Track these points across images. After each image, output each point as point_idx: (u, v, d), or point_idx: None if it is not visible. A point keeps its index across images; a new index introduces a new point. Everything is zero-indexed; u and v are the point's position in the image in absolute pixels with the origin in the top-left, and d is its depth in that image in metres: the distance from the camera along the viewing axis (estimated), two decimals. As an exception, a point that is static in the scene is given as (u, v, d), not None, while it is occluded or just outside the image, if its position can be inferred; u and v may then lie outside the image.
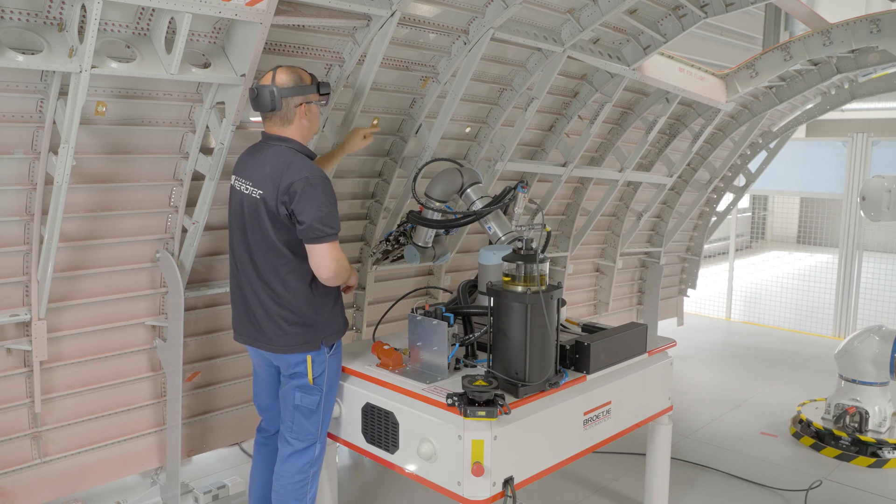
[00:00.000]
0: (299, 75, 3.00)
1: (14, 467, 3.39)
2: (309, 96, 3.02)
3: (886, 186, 5.40)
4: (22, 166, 3.08)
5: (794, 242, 12.99)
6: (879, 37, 4.72)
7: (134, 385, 3.78)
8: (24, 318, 3.26)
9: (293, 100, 2.98)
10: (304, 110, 3.02)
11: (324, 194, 2.89)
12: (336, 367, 3.21)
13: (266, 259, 3.03)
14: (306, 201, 2.87)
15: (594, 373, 3.22)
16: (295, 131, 3.04)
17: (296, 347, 3.07)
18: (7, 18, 2.68)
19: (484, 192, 3.80)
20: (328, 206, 2.89)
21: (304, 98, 3.00)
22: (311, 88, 3.02)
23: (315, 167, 2.96)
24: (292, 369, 3.11)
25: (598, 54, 4.55)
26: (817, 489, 4.48)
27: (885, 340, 5.13)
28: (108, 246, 3.50)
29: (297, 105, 3.00)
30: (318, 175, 2.92)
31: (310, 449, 3.16)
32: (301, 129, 3.05)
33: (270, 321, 3.07)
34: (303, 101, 3.01)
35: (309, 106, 3.04)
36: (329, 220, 2.89)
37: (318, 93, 3.04)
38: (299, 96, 2.99)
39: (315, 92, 3.03)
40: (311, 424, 3.14)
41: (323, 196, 2.89)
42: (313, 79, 3.05)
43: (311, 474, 3.19)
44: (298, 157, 2.98)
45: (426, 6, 3.65)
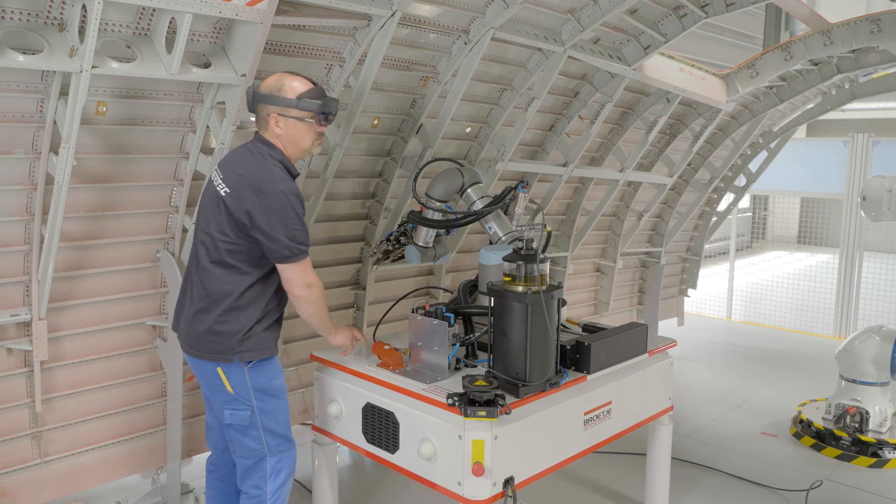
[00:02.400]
0: (281, 85, 2.82)
1: (14, 467, 3.39)
2: (284, 109, 2.82)
3: (887, 186, 5.39)
4: (22, 166, 3.08)
5: (794, 242, 12.99)
6: (880, 37, 4.72)
7: (134, 385, 3.78)
8: (24, 318, 3.26)
9: (265, 108, 2.84)
10: (275, 120, 2.83)
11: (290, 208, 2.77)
12: (265, 383, 2.94)
13: (206, 254, 2.90)
14: (276, 219, 2.74)
15: (594, 373, 3.21)
16: (273, 139, 2.88)
17: (206, 355, 2.89)
18: (7, 18, 2.68)
19: (484, 191, 3.80)
20: (298, 224, 2.78)
21: (277, 109, 2.82)
22: (286, 101, 2.81)
23: (291, 183, 2.82)
24: (208, 380, 2.95)
25: (598, 54, 4.55)
26: (818, 489, 4.48)
27: (885, 340, 5.13)
28: (109, 246, 3.50)
29: (269, 114, 2.84)
30: (292, 191, 2.78)
31: (260, 464, 2.96)
32: (277, 138, 2.88)
33: (193, 320, 2.92)
34: (276, 112, 2.83)
35: (285, 119, 2.84)
36: (302, 238, 2.80)
37: (298, 108, 2.81)
38: (272, 105, 2.82)
39: (293, 107, 2.81)
40: (251, 440, 2.95)
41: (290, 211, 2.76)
42: (308, 93, 2.84)
43: (272, 491, 2.98)
44: (277, 170, 2.82)
45: (426, 6, 3.65)
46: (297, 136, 2.88)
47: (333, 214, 4.42)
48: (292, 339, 4.48)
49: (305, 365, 4.43)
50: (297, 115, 2.83)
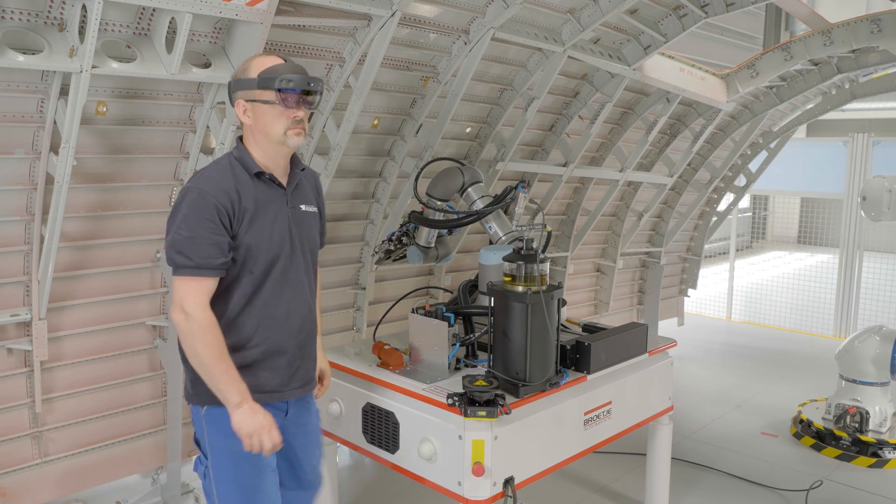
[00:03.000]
0: (245, 66, 2.40)
1: (14, 467, 3.39)
2: (248, 92, 2.36)
3: (887, 186, 5.39)
4: (22, 166, 3.08)
5: (794, 242, 12.99)
6: (880, 37, 4.72)
7: (134, 385, 3.78)
8: (24, 317, 3.26)
9: (234, 95, 2.42)
10: (241, 107, 2.39)
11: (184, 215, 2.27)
12: (220, 440, 2.40)
13: None
14: (171, 215, 2.32)
15: (594, 373, 3.21)
16: (246, 134, 2.45)
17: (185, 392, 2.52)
18: (7, 18, 2.68)
19: (485, 191, 3.80)
20: (185, 231, 2.25)
21: (243, 94, 2.38)
22: (248, 81, 2.35)
23: (208, 179, 2.32)
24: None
25: (598, 54, 4.55)
26: (818, 489, 4.48)
27: (885, 340, 5.13)
28: (109, 246, 3.50)
29: (236, 101, 2.42)
30: (199, 189, 2.29)
31: None
32: (249, 132, 2.43)
33: None
34: (242, 98, 2.39)
35: (251, 104, 2.37)
36: (182, 246, 2.25)
37: (259, 87, 2.33)
38: (238, 91, 2.39)
39: (254, 87, 2.33)
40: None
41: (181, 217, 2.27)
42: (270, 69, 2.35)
43: None
44: (214, 165, 2.42)
45: (427, 6, 3.65)
46: (266, 124, 2.36)
47: (333, 214, 4.42)
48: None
49: (305, 365, 4.43)
50: (260, 96, 2.33)
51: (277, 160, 2.45)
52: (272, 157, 2.44)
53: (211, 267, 2.27)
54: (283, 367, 2.47)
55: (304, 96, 2.36)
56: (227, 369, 2.27)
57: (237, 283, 2.37)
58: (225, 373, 2.27)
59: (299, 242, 2.50)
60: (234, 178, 2.35)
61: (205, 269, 2.26)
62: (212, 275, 2.28)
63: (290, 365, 2.49)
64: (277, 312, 2.43)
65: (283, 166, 2.48)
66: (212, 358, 2.25)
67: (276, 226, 2.42)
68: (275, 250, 2.41)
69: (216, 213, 2.26)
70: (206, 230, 2.25)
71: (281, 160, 2.46)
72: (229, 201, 2.30)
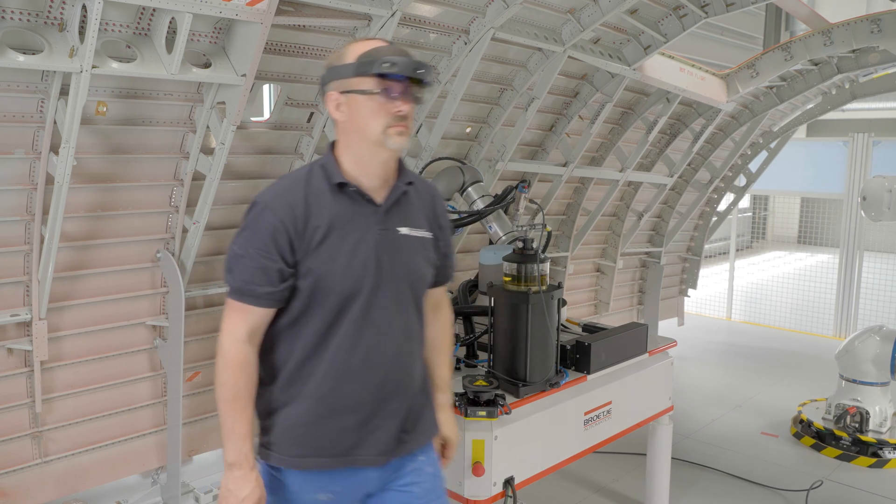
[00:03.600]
0: (342, 52, 1.98)
1: (14, 467, 3.38)
2: (342, 82, 1.94)
3: (887, 186, 5.39)
4: (22, 166, 3.07)
5: (794, 242, 12.98)
6: (880, 37, 4.72)
7: (134, 385, 3.78)
8: (24, 317, 3.26)
9: (326, 87, 2.01)
10: (335, 102, 1.97)
11: (243, 229, 1.97)
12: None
13: None
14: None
15: (595, 373, 3.21)
16: (339, 136, 2.03)
17: None
18: (7, 18, 2.68)
19: (485, 190, 3.80)
20: (237, 248, 1.96)
21: (337, 85, 1.96)
22: (343, 69, 1.93)
23: (276, 191, 1.97)
24: None
25: (598, 54, 4.54)
26: (818, 489, 4.48)
27: (885, 340, 5.13)
28: (109, 246, 3.50)
29: (328, 94, 2.00)
30: (262, 202, 1.95)
31: None
32: (342, 133, 2.01)
33: None
34: (335, 90, 1.97)
35: (345, 97, 1.94)
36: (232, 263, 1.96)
37: (356, 74, 1.91)
38: (331, 83, 1.98)
39: (350, 74, 1.92)
40: None
41: (241, 231, 1.97)
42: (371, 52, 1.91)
43: None
44: (292, 174, 2.06)
45: (427, 6, 3.64)
46: (363, 120, 1.92)
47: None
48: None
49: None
50: (356, 85, 1.91)
51: (373, 168, 1.97)
52: (366, 165, 1.96)
53: (254, 295, 1.90)
54: (353, 426, 1.99)
55: (411, 86, 1.92)
56: (236, 420, 1.93)
57: (306, 320, 1.96)
58: (234, 423, 1.92)
59: (391, 274, 1.99)
60: (306, 189, 1.93)
61: (247, 295, 1.91)
62: (255, 304, 1.91)
63: (363, 425, 1.99)
64: (353, 359, 1.97)
65: (380, 176, 1.99)
66: (225, 401, 1.94)
67: (357, 252, 1.94)
68: (352, 282, 1.93)
69: (271, 234, 1.88)
70: (257, 251, 1.89)
71: (378, 168, 1.97)
72: (292, 219, 1.89)
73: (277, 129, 3.80)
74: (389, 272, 1.99)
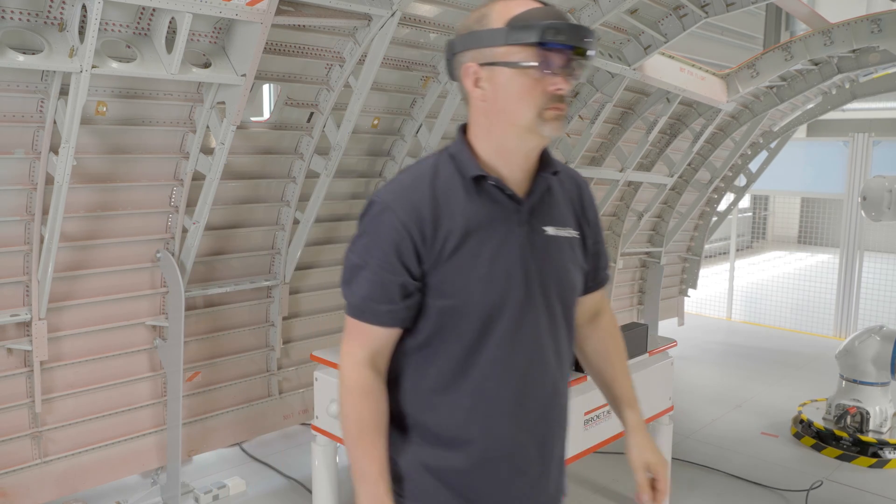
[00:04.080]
0: (483, 13, 1.54)
1: (14, 467, 3.39)
2: (486, 50, 1.51)
3: (887, 186, 5.39)
4: (22, 166, 3.07)
5: (794, 242, 12.99)
6: (880, 36, 4.72)
7: (134, 385, 3.78)
8: (24, 318, 3.26)
9: (461, 58, 1.57)
10: (472, 75, 1.54)
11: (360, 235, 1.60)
12: None
13: None
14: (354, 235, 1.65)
15: (595, 373, 3.21)
16: (475, 117, 1.60)
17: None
18: (7, 18, 2.68)
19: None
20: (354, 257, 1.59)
21: (477, 54, 1.52)
22: (489, 35, 1.50)
23: (398, 188, 1.58)
24: None
25: (598, 54, 4.54)
26: (818, 489, 4.47)
27: (885, 340, 5.12)
28: (109, 246, 3.50)
29: (463, 66, 1.56)
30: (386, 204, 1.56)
31: None
32: (479, 115, 1.58)
33: None
34: (474, 61, 1.53)
35: (489, 70, 1.51)
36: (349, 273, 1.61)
37: (507, 42, 1.48)
38: (468, 51, 1.54)
39: (500, 42, 1.49)
40: None
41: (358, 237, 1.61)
42: (526, 15, 1.49)
43: None
44: (414, 167, 1.64)
45: (427, 6, 3.64)
46: (513, 100, 1.51)
47: (333, 214, 4.41)
48: (292, 339, 4.48)
49: (305, 365, 4.43)
50: (506, 55, 1.49)
51: (517, 159, 1.59)
52: (510, 155, 1.58)
53: (374, 312, 1.56)
54: (508, 475, 1.63)
55: (573, 58, 1.50)
56: (366, 458, 1.58)
57: (440, 344, 1.58)
58: (363, 462, 1.58)
59: (541, 284, 1.61)
60: (433, 186, 1.56)
61: (366, 313, 1.57)
62: (376, 323, 1.57)
63: (522, 472, 1.64)
64: (503, 392, 1.59)
65: (524, 169, 1.61)
66: (351, 438, 1.60)
67: (499, 260, 1.56)
68: (496, 298, 1.56)
69: (394, 242, 1.52)
70: (377, 262, 1.54)
71: (522, 160, 1.59)
72: (417, 222, 1.52)
73: (277, 129, 3.80)
74: (538, 283, 1.61)
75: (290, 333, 4.44)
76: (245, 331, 4.23)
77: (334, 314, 4.68)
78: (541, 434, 1.67)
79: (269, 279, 4.19)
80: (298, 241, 4.14)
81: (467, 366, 1.58)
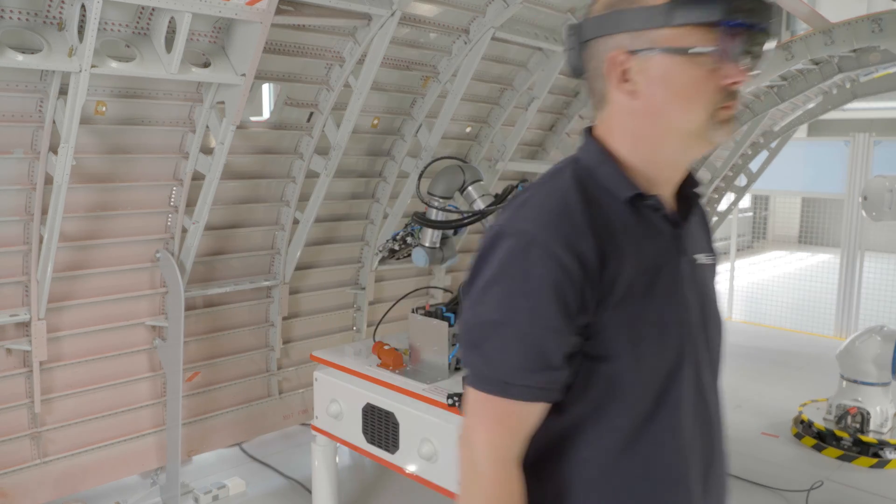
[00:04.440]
0: None
1: (14, 467, 3.38)
2: (642, 35, 1.16)
3: (888, 186, 5.38)
4: (22, 166, 3.07)
5: (795, 242, 12.98)
6: (881, 36, 4.71)
7: (134, 385, 3.78)
8: (23, 318, 3.26)
9: (601, 45, 1.21)
10: (618, 66, 1.19)
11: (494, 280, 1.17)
12: None
13: None
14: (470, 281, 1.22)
15: (595, 373, 3.20)
16: (613, 118, 1.25)
17: None
18: (7, 18, 2.67)
19: (485, 189, 3.79)
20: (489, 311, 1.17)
21: (627, 39, 1.17)
22: (643, 14, 1.15)
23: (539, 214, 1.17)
24: None
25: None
26: (818, 489, 4.47)
27: (886, 341, 5.12)
28: (108, 246, 3.50)
29: (607, 56, 1.20)
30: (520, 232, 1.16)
31: None
32: (623, 116, 1.23)
33: None
34: (621, 49, 1.18)
35: (644, 58, 1.16)
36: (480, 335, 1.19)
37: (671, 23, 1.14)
38: (614, 36, 1.19)
39: (658, 23, 1.14)
40: None
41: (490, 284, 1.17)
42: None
43: None
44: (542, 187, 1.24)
45: (427, 6, 3.64)
46: (676, 96, 1.17)
47: (333, 214, 4.41)
48: (292, 339, 4.48)
49: (305, 365, 4.42)
50: (671, 40, 1.14)
51: (672, 172, 1.27)
52: (664, 167, 1.25)
53: (524, 386, 1.16)
54: None
55: (755, 44, 1.17)
56: None
57: (599, 415, 1.21)
58: None
59: (704, 327, 1.30)
60: (586, 211, 1.16)
61: (513, 387, 1.16)
62: (527, 399, 1.17)
63: None
64: (675, 472, 1.25)
65: (674, 184, 1.29)
66: None
67: (672, 303, 1.23)
68: (673, 352, 1.22)
69: (553, 287, 1.12)
70: (528, 316, 1.13)
71: (676, 173, 1.28)
72: (577, 260, 1.12)
73: (277, 128, 3.80)
74: (702, 326, 1.29)
75: (290, 333, 4.44)
76: (245, 331, 4.23)
77: (334, 314, 4.68)
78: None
79: (269, 279, 4.19)
80: (298, 240, 4.13)
81: (634, 442, 1.21)
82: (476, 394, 1.20)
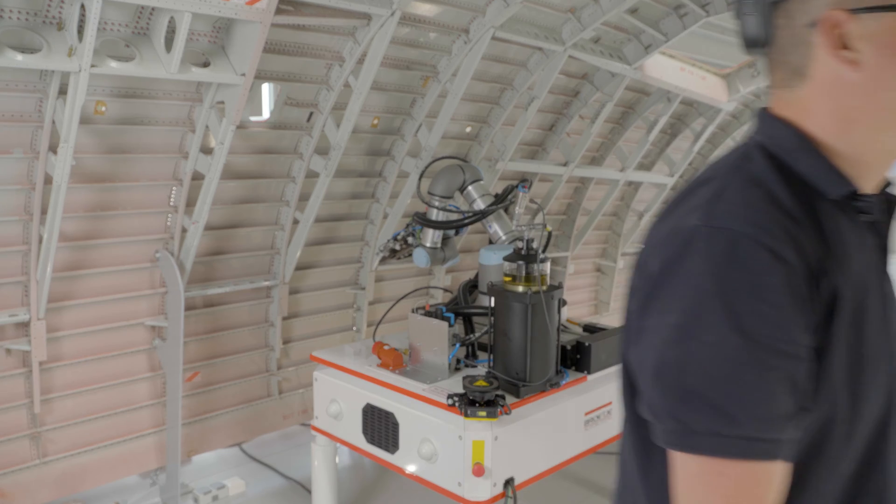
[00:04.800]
0: None
1: (14, 467, 3.38)
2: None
3: (888, 186, 5.38)
4: (21, 166, 3.07)
5: None
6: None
7: (134, 385, 3.77)
8: (23, 318, 3.25)
9: (800, 4, 0.92)
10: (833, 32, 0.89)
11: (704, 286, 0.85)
12: None
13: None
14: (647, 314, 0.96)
15: (595, 373, 3.20)
16: (807, 100, 0.95)
17: None
18: (6, 18, 2.67)
19: (485, 189, 3.79)
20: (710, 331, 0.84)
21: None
22: None
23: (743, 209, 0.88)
24: None
25: (599, 53, 4.54)
26: (819, 490, 4.46)
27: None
28: (108, 246, 3.50)
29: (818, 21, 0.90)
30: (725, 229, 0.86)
31: None
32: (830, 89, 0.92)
33: None
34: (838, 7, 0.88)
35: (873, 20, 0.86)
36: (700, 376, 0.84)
37: None
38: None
39: None
40: None
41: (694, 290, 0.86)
42: None
43: None
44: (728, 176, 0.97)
45: (427, 5, 3.64)
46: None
47: (333, 214, 4.41)
48: (292, 339, 4.48)
49: (305, 365, 4.42)
50: None
51: (881, 171, 1.01)
52: (877, 164, 0.99)
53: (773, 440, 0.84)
54: None
55: None
56: None
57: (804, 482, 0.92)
58: None
59: None
60: (796, 207, 0.91)
61: (758, 442, 0.83)
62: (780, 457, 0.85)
63: None
64: None
65: (880, 183, 1.03)
66: None
67: (880, 333, 0.97)
68: (884, 394, 0.98)
69: (789, 292, 0.85)
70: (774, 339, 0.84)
71: (884, 171, 1.02)
72: (802, 264, 0.86)
73: (277, 128, 3.80)
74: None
75: (290, 333, 4.44)
76: (244, 331, 4.23)
77: (334, 314, 4.67)
78: None
79: (269, 279, 4.19)
80: (298, 240, 4.13)
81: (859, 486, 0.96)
82: (697, 462, 0.86)
